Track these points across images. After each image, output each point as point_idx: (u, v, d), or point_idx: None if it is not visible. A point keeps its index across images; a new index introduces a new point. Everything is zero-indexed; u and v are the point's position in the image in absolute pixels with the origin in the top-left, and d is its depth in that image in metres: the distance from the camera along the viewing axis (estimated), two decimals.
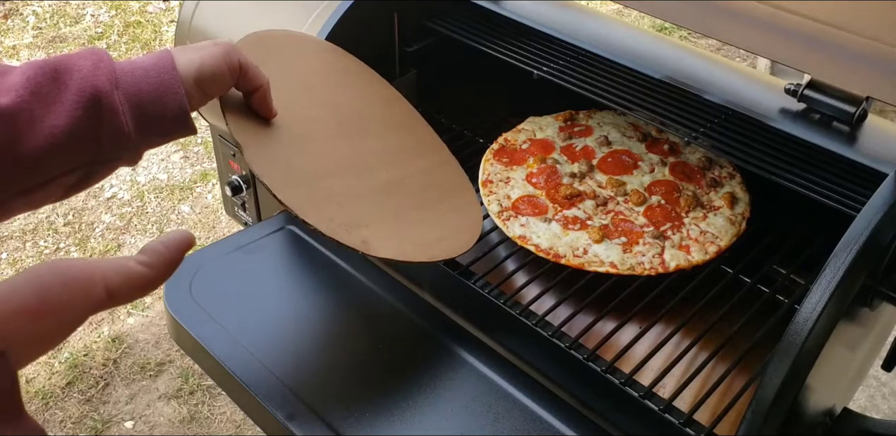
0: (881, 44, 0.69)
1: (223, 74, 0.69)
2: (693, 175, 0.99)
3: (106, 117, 0.60)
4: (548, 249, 0.88)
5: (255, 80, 0.72)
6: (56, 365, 1.88)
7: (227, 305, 0.94)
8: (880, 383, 1.83)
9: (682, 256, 0.87)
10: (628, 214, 0.93)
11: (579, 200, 0.95)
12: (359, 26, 1.01)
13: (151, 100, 0.63)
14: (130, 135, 0.62)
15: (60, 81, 0.60)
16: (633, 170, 1.00)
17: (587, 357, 0.77)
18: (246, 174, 1.27)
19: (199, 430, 1.75)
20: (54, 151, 0.58)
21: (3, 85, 0.58)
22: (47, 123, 0.58)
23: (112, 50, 2.99)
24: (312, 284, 0.97)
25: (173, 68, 0.65)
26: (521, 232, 0.90)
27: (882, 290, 0.72)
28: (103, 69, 0.62)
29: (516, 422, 0.83)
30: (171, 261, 0.50)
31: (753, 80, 0.95)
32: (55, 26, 3.11)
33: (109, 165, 0.64)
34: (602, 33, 1.01)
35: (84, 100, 0.59)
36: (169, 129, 0.65)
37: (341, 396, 0.85)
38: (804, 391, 0.68)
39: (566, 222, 0.91)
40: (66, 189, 0.63)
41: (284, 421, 0.82)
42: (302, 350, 0.91)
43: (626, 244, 0.89)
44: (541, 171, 0.98)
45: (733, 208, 0.94)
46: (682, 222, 0.92)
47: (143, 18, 3.12)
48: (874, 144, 0.81)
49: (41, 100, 0.58)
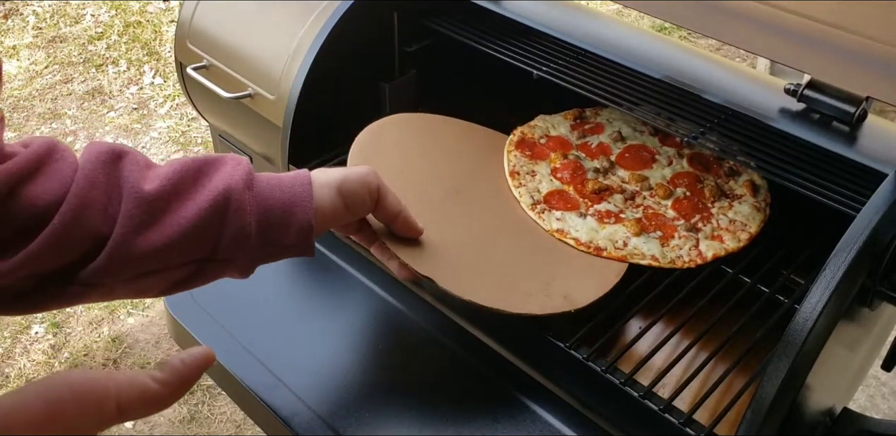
0: (881, 44, 0.69)
1: (366, 187, 0.71)
2: (710, 165, 1.00)
3: (232, 215, 0.61)
4: (588, 242, 0.88)
5: (395, 205, 0.74)
6: (56, 365, 1.88)
7: (227, 306, 0.94)
8: (880, 382, 1.83)
9: (717, 245, 0.89)
10: (657, 207, 0.94)
11: (608, 194, 0.95)
12: (359, 26, 1.01)
13: (280, 207, 0.64)
14: (251, 237, 0.63)
15: (201, 178, 0.61)
16: (652, 164, 1.01)
17: (587, 357, 0.77)
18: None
19: (199, 430, 1.75)
20: (178, 242, 0.59)
21: (154, 174, 0.60)
22: (178, 214, 0.59)
23: (112, 50, 2.99)
24: (313, 285, 0.97)
25: (308, 183, 0.66)
26: (558, 226, 0.90)
27: (882, 290, 0.72)
28: (240, 171, 0.63)
29: (516, 422, 0.83)
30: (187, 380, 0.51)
31: (753, 80, 0.95)
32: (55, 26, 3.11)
33: (222, 265, 0.64)
34: (602, 33, 1.01)
35: (216, 195, 0.60)
36: (290, 240, 0.65)
37: (341, 396, 0.85)
38: (804, 391, 0.68)
39: (600, 217, 0.92)
40: (172, 284, 0.63)
41: (284, 421, 0.82)
42: (302, 350, 0.91)
43: (663, 238, 0.90)
44: (564, 166, 0.99)
45: (755, 195, 0.96)
46: (710, 213, 0.93)
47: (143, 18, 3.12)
48: (874, 144, 0.81)
49: (180, 192, 0.60)
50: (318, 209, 0.67)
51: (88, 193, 0.56)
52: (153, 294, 0.64)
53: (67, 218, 0.55)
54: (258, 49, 1.07)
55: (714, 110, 0.89)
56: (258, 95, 1.07)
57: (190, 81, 1.20)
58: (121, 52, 2.98)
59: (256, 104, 1.09)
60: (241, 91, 1.09)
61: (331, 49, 0.99)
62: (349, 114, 1.09)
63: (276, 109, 1.04)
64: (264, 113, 1.08)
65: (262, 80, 1.06)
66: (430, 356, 0.88)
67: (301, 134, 1.01)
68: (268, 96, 1.05)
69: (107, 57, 2.97)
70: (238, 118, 1.17)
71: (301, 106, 0.99)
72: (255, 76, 1.07)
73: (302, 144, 1.01)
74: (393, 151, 0.94)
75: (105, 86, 2.84)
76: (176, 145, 2.58)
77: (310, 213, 0.65)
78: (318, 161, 1.02)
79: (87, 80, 2.86)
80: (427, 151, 0.96)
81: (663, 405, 0.73)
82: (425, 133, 0.99)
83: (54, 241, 0.54)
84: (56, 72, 2.90)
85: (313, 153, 1.02)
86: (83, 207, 0.55)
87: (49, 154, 0.57)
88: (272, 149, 1.13)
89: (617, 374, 0.76)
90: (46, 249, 0.54)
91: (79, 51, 2.99)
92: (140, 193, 0.58)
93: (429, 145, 0.97)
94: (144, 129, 2.66)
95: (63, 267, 0.57)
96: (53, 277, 0.57)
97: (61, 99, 2.79)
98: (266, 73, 1.05)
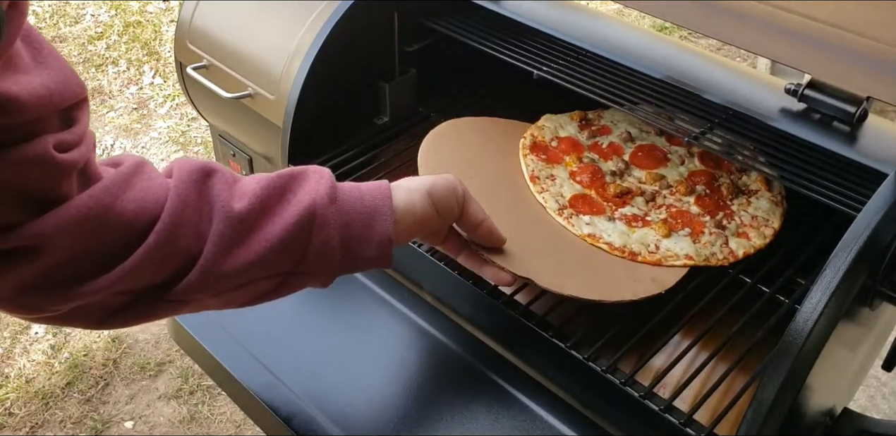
0: (881, 44, 0.69)
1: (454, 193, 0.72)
2: (722, 162, 1.01)
3: (317, 230, 0.62)
4: (622, 247, 0.88)
5: (477, 214, 0.75)
6: (56, 365, 1.88)
7: None
8: (880, 382, 1.83)
9: (745, 242, 0.89)
10: (680, 205, 0.94)
11: (629, 197, 0.95)
12: (359, 26, 1.01)
13: (361, 221, 0.65)
14: (335, 250, 0.64)
15: (286, 193, 0.62)
16: (666, 163, 1.01)
17: (587, 357, 0.77)
18: (246, 174, 1.27)
19: (199, 430, 1.75)
20: (266, 258, 0.60)
21: (240, 191, 0.61)
22: (266, 230, 0.60)
23: (112, 50, 2.99)
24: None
25: (389, 196, 0.67)
26: (589, 230, 0.90)
27: (882, 290, 0.72)
28: (324, 185, 0.64)
29: (516, 422, 0.83)
30: None
31: (753, 80, 0.95)
32: (55, 26, 3.11)
33: (305, 277, 0.65)
34: (602, 33, 1.01)
35: (301, 210, 0.61)
36: (370, 253, 0.66)
37: (341, 396, 0.85)
38: (804, 391, 0.68)
39: (628, 221, 0.92)
40: (258, 295, 0.65)
41: (284, 421, 0.82)
42: (302, 350, 0.91)
43: (692, 235, 0.90)
44: (582, 169, 0.98)
45: (771, 190, 0.96)
46: (731, 211, 0.94)
47: (143, 18, 3.12)
48: (874, 144, 0.81)
49: (267, 209, 0.61)
50: (410, 216, 0.68)
51: (182, 211, 0.57)
52: (238, 305, 0.66)
53: (162, 237, 0.56)
54: (258, 49, 1.07)
55: (715, 110, 0.89)
56: (258, 95, 1.07)
57: (190, 81, 1.20)
58: (121, 52, 2.98)
59: (256, 104, 1.09)
60: (241, 91, 1.09)
61: (331, 49, 0.99)
62: (349, 114, 1.09)
63: (276, 108, 1.04)
64: (264, 113, 1.08)
65: (262, 80, 1.06)
66: (431, 356, 0.88)
67: (301, 134, 1.01)
68: (268, 96, 1.05)
69: (107, 57, 2.97)
70: (238, 118, 1.17)
71: (301, 106, 0.99)
72: (255, 76, 1.07)
73: (302, 144, 1.01)
74: (455, 157, 0.94)
75: (105, 86, 2.84)
76: (176, 145, 2.58)
77: (389, 226, 0.66)
78: (319, 161, 1.02)
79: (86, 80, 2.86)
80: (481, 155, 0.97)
81: (664, 405, 0.73)
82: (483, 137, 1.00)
83: (149, 258, 0.56)
84: None
85: (313, 153, 1.02)
86: (177, 226, 0.57)
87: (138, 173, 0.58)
88: (272, 149, 1.13)
89: (617, 374, 0.76)
90: (141, 267, 0.56)
91: (79, 51, 2.99)
92: (230, 213, 0.59)
93: (482, 148, 0.98)
94: (144, 129, 2.66)
95: (156, 283, 0.58)
96: (146, 292, 0.59)
97: None
98: (266, 73, 1.05)
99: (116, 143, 2.60)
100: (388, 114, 1.12)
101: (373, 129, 1.11)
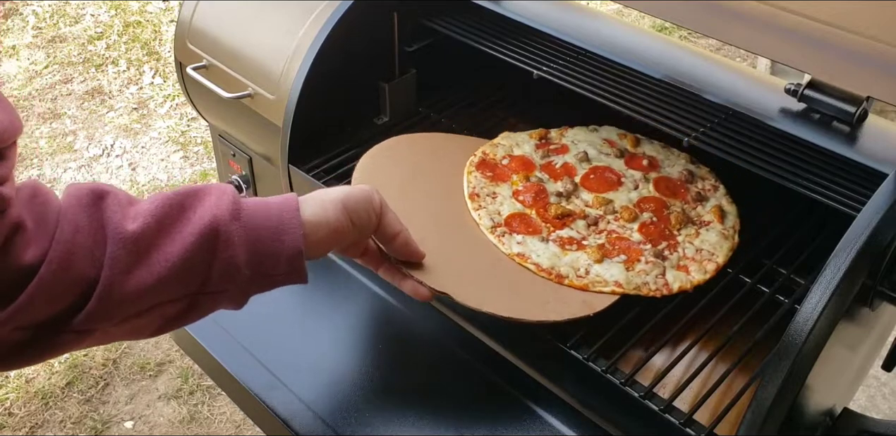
0: (881, 44, 0.69)
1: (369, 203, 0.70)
2: (677, 190, 0.97)
3: (220, 247, 0.60)
4: (549, 268, 0.85)
5: (393, 225, 0.74)
6: (56, 365, 1.88)
7: None
8: (880, 383, 1.83)
9: (683, 276, 0.86)
10: (622, 231, 0.91)
11: (570, 220, 0.92)
12: (359, 26, 1.01)
13: (269, 236, 0.63)
14: (241, 268, 0.61)
15: (185, 211, 0.60)
16: (618, 187, 0.97)
17: (587, 357, 0.77)
18: (245, 174, 1.27)
19: (199, 430, 1.75)
20: (167, 278, 0.58)
21: (134, 211, 0.59)
22: (165, 250, 0.58)
23: (112, 50, 2.99)
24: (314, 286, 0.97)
25: (296, 209, 0.64)
26: (519, 250, 0.87)
27: (882, 290, 0.72)
28: (226, 201, 0.61)
29: (516, 422, 0.83)
30: None
31: (753, 80, 0.95)
32: (55, 26, 3.11)
33: (213, 298, 0.63)
34: (602, 33, 1.01)
35: (202, 228, 0.59)
36: (281, 268, 0.64)
37: (341, 396, 0.85)
38: (804, 391, 0.68)
39: (562, 243, 0.89)
40: (166, 321, 0.62)
41: (284, 421, 0.82)
42: (302, 351, 0.91)
43: (628, 262, 0.87)
44: (527, 188, 0.95)
45: (723, 222, 0.92)
46: (676, 241, 0.90)
47: (142, 18, 3.12)
48: (874, 144, 0.81)
49: (164, 228, 0.59)
50: (325, 227, 0.66)
51: (73, 238, 0.55)
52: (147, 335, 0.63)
53: (54, 266, 0.54)
54: (258, 49, 1.07)
55: (714, 110, 0.89)
56: (258, 95, 1.07)
57: (190, 81, 1.20)
58: (121, 52, 2.98)
59: (256, 104, 1.09)
60: (241, 91, 1.09)
61: (331, 49, 0.99)
62: (349, 114, 1.09)
63: (276, 109, 1.04)
64: (264, 113, 1.08)
65: (262, 80, 1.06)
66: (431, 357, 0.88)
67: (301, 134, 1.01)
68: (268, 96, 1.05)
69: (107, 57, 2.97)
70: (238, 118, 1.17)
71: (301, 106, 0.99)
72: (255, 76, 1.07)
73: (302, 144, 1.01)
74: (395, 172, 0.94)
75: (105, 86, 2.84)
76: (176, 145, 2.58)
77: (299, 239, 0.63)
78: (318, 161, 1.02)
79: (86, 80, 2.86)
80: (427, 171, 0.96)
81: (664, 406, 0.73)
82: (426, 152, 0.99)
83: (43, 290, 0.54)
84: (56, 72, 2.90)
85: (313, 153, 1.02)
86: (69, 253, 0.55)
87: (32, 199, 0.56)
88: (272, 149, 1.13)
89: (617, 374, 0.76)
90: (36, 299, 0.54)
91: (79, 51, 2.99)
92: (123, 234, 0.57)
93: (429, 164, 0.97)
94: (144, 129, 2.66)
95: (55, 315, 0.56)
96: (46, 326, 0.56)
97: (61, 99, 2.79)
98: (266, 73, 1.05)
99: (116, 143, 2.60)
100: (388, 114, 1.12)
101: (373, 129, 1.11)
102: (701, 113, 0.88)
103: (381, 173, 0.93)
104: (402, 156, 0.97)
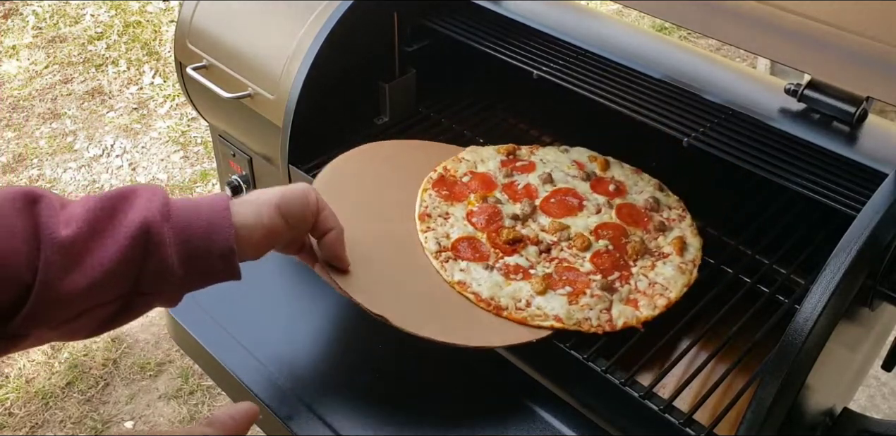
0: (881, 44, 0.69)
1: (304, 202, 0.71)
2: (640, 218, 0.93)
3: (152, 248, 0.61)
4: (489, 299, 0.82)
5: (327, 222, 0.74)
6: (56, 365, 1.88)
7: (227, 306, 0.94)
8: (880, 382, 1.83)
9: (630, 311, 0.82)
10: (573, 260, 0.87)
11: (522, 246, 0.88)
12: (359, 26, 1.01)
13: (199, 236, 0.63)
14: (174, 268, 0.62)
15: (116, 214, 0.61)
16: (578, 211, 0.93)
17: (587, 357, 0.77)
18: (245, 174, 1.27)
19: None
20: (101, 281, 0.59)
21: (66, 216, 0.59)
22: (98, 255, 0.59)
23: (112, 50, 2.99)
24: (312, 286, 0.97)
25: (226, 208, 0.65)
26: (460, 277, 0.84)
27: (882, 290, 0.72)
28: (156, 202, 0.62)
29: (516, 422, 0.83)
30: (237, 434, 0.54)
31: (753, 80, 0.95)
32: (55, 26, 3.11)
33: (148, 299, 0.64)
34: (602, 33, 1.01)
35: (133, 230, 0.60)
36: (213, 266, 0.65)
37: (341, 396, 0.85)
38: (804, 391, 0.68)
39: (507, 271, 0.85)
40: (101, 323, 0.63)
41: (284, 421, 0.82)
42: (301, 351, 0.91)
43: (572, 294, 0.83)
44: (482, 210, 0.92)
45: (683, 255, 0.88)
46: (630, 272, 0.86)
47: (142, 18, 3.12)
48: (874, 144, 0.81)
49: (96, 232, 0.59)
50: (260, 228, 0.67)
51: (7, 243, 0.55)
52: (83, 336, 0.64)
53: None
54: (258, 49, 1.07)
55: (714, 110, 0.89)
56: (258, 95, 1.07)
57: (190, 81, 1.20)
58: (121, 52, 2.98)
59: (256, 104, 1.09)
60: (241, 91, 1.09)
61: (331, 49, 0.99)
62: (349, 114, 1.09)
63: (276, 109, 1.04)
64: (264, 113, 1.08)
65: (262, 80, 1.06)
66: (431, 357, 0.88)
67: (301, 134, 1.01)
68: (268, 96, 1.05)
69: (107, 57, 2.97)
70: (238, 118, 1.17)
71: (301, 106, 0.99)
72: (255, 76, 1.07)
73: (302, 144, 1.01)
74: (353, 186, 0.93)
75: (105, 86, 2.84)
76: (176, 145, 2.58)
77: (230, 238, 0.64)
78: (319, 161, 1.02)
79: (86, 80, 2.86)
80: (387, 185, 0.95)
81: (663, 405, 0.73)
82: (390, 161, 0.98)
83: None
84: (56, 72, 2.90)
85: (313, 153, 1.02)
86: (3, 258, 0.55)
87: None
88: (272, 149, 1.13)
89: (617, 374, 0.76)
90: None
91: (79, 51, 2.99)
92: (57, 239, 0.57)
93: (392, 177, 0.96)
94: (144, 129, 2.66)
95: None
96: None
97: (61, 99, 2.79)
98: (266, 73, 1.05)
99: (116, 143, 2.60)
100: (388, 114, 1.12)
101: (373, 129, 1.11)
102: (701, 113, 0.88)
103: (339, 187, 0.91)
104: (365, 167, 0.96)
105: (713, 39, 1.99)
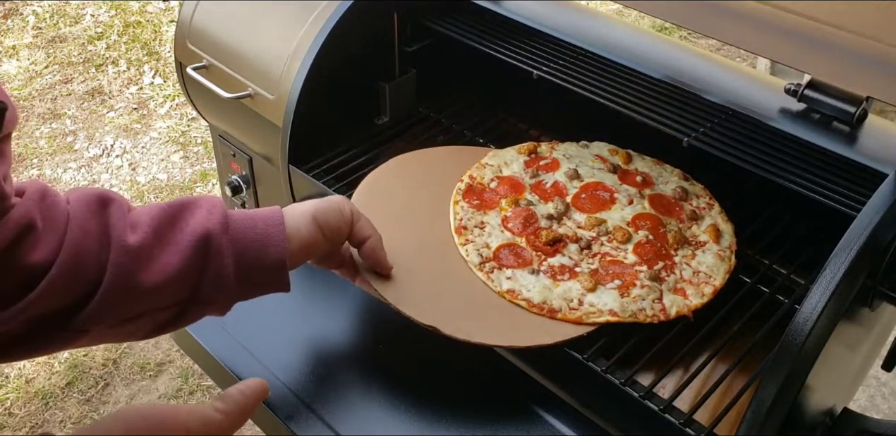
0: (881, 44, 0.69)
1: (339, 213, 0.73)
2: (671, 208, 0.93)
3: (211, 258, 0.64)
4: (541, 303, 0.82)
5: (364, 230, 0.76)
6: (56, 365, 1.88)
7: None
8: (880, 383, 1.83)
9: (681, 300, 0.83)
10: (616, 253, 0.87)
11: (562, 245, 0.88)
12: (359, 26, 1.01)
13: (255, 248, 0.66)
14: (230, 278, 0.65)
15: (177, 223, 0.64)
16: (611, 205, 0.93)
17: (587, 357, 0.77)
18: (245, 174, 1.27)
19: None
20: (164, 285, 0.62)
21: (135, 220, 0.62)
22: (162, 260, 0.62)
23: (112, 50, 2.99)
24: (313, 286, 0.97)
25: (281, 223, 0.68)
26: (509, 286, 0.83)
27: (882, 290, 0.72)
28: (216, 214, 0.65)
29: (516, 422, 0.83)
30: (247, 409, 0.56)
31: (753, 80, 0.95)
32: (55, 26, 3.11)
33: (202, 307, 0.66)
34: (602, 33, 1.01)
35: (196, 240, 0.63)
36: (265, 278, 0.68)
37: (341, 396, 0.85)
38: (804, 391, 0.68)
39: (553, 273, 0.85)
40: (156, 326, 0.66)
41: (284, 421, 0.82)
42: (302, 350, 0.91)
43: (622, 287, 0.83)
44: (516, 214, 0.91)
45: (719, 242, 0.89)
46: (673, 262, 0.87)
47: (143, 18, 3.12)
48: (874, 144, 0.81)
49: (161, 239, 0.62)
50: (297, 240, 0.70)
51: (82, 242, 0.58)
52: (137, 338, 0.67)
53: (65, 268, 0.57)
54: (258, 49, 1.07)
55: (714, 110, 0.89)
56: (258, 95, 1.07)
57: (190, 81, 1.20)
58: (121, 52, 2.98)
59: (256, 104, 1.09)
60: (241, 91, 1.09)
61: (331, 49, 0.99)
62: (349, 114, 1.09)
63: (276, 109, 1.04)
64: (264, 113, 1.08)
65: (262, 80, 1.06)
66: (432, 357, 0.88)
67: (301, 134, 1.01)
68: (268, 96, 1.05)
69: (107, 57, 2.97)
70: (238, 118, 1.17)
71: (301, 106, 0.99)
72: (255, 76, 1.07)
73: (302, 144, 1.01)
74: (389, 199, 0.93)
75: (105, 86, 2.84)
76: (176, 145, 2.58)
77: (283, 252, 0.67)
78: (319, 161, 1.02)
79: (86, 80, 2.86)
80: (422, 197, 0.95)
81: (663, 405, 0.73)
82: (429, 174, 0.98)
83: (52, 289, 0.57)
84: (56, 72, 2.90)
85: (313, 153, 1.02)
86: (78, 256, 0.58)
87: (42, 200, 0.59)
88: (272, 149, 1.13)
89: (617, 374, 0.76)
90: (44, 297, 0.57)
91: (79, 51, 2.99)
92: (125, 243, 0.60)
93: (426, 189, 0.96)
94: (144, 129, 2.66)
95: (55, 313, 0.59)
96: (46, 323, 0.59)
97: (61, 99, 2.79)
98: (266, 73, 1.05)
99: (116, 143, 2.60)
100: (388, 114, 1.12)
101: (373, 129, 1.11)
102: (701, 113, 0.88)
103: (372, 202, 0.92)
104: (395, 183, 0.96)
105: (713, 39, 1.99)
